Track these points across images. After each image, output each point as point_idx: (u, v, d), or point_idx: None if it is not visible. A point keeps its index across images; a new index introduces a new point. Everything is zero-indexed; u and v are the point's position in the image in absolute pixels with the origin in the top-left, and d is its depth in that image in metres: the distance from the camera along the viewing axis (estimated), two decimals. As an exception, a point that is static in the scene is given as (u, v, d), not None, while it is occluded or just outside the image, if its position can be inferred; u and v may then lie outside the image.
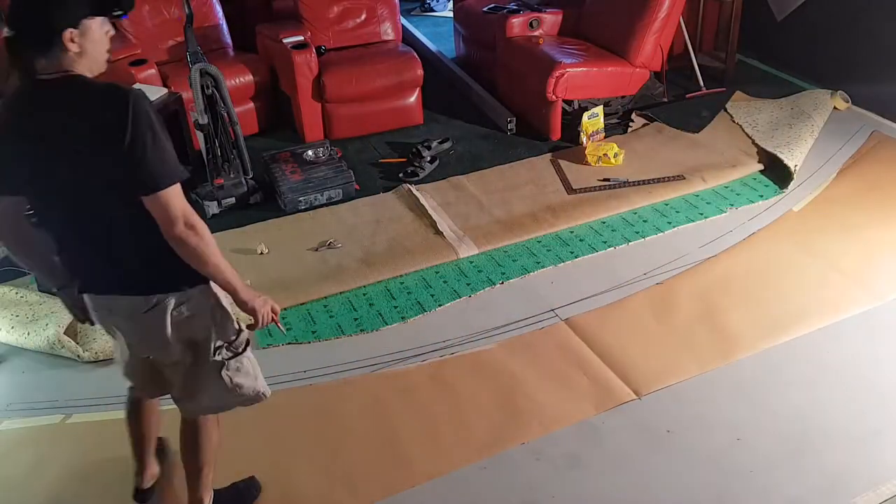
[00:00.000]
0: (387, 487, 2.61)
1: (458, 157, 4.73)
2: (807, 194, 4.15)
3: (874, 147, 4.57)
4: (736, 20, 5.40)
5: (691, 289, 3.50)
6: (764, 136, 4.64)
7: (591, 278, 3.60)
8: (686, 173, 4.35)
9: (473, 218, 4.06)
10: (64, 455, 2.80)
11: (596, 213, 4.06)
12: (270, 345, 3.27)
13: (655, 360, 3.10)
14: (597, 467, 2.66)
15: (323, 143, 4.62)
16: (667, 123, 4.92)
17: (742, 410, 2.85)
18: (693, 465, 2.65)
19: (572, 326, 3.31)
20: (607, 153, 4.48)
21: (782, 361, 3.07)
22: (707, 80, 5.40)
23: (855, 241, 3.74)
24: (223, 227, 4.08)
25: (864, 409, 2.83)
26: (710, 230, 3.91)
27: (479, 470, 2.67)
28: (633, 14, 4.82)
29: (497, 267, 3.71)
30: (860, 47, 4.99)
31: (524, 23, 5.15)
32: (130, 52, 4.63)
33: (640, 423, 2.82)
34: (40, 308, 3.38)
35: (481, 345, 3.24)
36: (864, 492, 2.52)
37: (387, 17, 5.26)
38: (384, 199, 4.28)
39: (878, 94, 4.91)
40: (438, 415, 2.90)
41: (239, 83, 4.74)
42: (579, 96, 4.79)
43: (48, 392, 3.08)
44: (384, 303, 3.50)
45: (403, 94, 4.98)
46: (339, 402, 2.98)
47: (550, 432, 2.79)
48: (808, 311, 3.31)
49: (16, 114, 1.88)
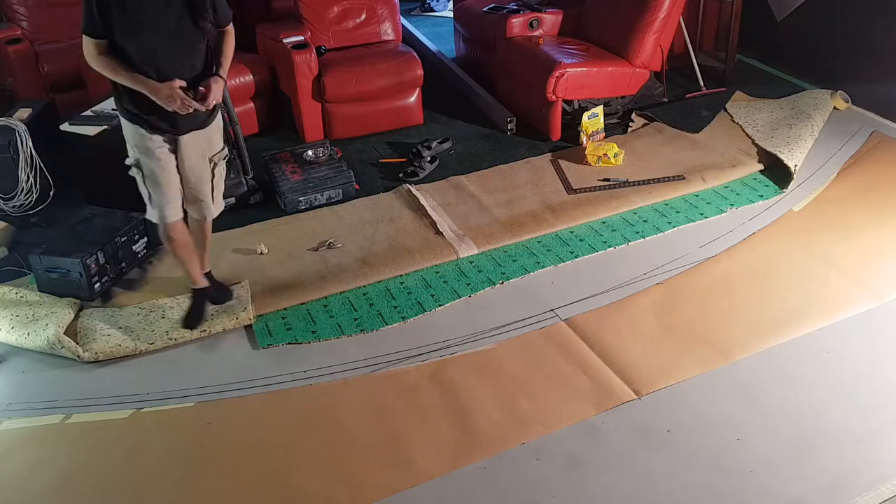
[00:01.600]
0: (387, 487, 2.61)
1: (458, 157, 4.73)
2: (807, 194, 4.15)
3: (874, 147, 4.57)
4: (736, 20, 5.40)
5: (691, 289, 3.50)
6: (764, 136, 4.64)
7: (591, 278, 3.60)
8: (686, 173, 4.35)
9: (473, 218, 4.06)
10: (64, 455, 2.80)
11: (596, 213, 4.06)
12: (270, 345, 3.27)
13: (655, 360, 3.10)
14: (597, 467, 2.66)
15: (323, 143, 4.62)
16: (667, 123, 4.92)
17: (742, 410, 2.85)
18: (693, 465, 2.65)
19: (572, 326, 3.31)
20: (607, 153, 4.48)
21: (782, 361, 3.07)
22: (707, 80, 5.41)
23: (855, 241, 3.74)
24: (223, 227, 4.07)
25: (864, 408, 2.83)
26: (710, 230, 3.91)
27: (479, 470, 2.67)
28: (634, 14, 4.82)
29: (497, 267, 3.71)
30: (860, 47, 4.99)
31: (524, 23, 5.15)
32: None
33: (640, 423, 2.82)
34: (40, 308, 3.39)
35: (481, 345, 3.24)
36: (864, 492, 2.52)
37: (387, 17, 5.26)
38: (384, 199, 4.28)
39: (878, 94, 4.91)
40: (438, 415, 2.90)
41: (239, 83, 4.74)
42: (579, 96, 4.79)
43: (48, 392, 3.08)
44: (384, 303, 3.50)
45: (403, 94, 4.98)
46: (339, 402, 2.98)
47: (550, 432, 2.80)
48: (808, 311, 3.31)
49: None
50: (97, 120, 4.08)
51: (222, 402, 3.00)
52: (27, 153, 4.15)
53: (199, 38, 2.93)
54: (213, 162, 3.20)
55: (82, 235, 3.69)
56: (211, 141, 3.16)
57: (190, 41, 2.91)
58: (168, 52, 2.85)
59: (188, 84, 2.89)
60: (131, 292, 3.61)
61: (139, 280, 3.70)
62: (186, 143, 3.07)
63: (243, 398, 3.02)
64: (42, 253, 3.50)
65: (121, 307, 3.50)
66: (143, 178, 3.09)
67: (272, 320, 3.41)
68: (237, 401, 3.01)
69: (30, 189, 4.19)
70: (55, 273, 3.49)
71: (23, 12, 5.02)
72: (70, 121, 4.11)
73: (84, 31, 2.81)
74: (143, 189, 3.13)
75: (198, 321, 3.34)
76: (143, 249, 3.81)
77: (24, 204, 4.20)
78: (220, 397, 3.02)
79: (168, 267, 3.77)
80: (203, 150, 3.14)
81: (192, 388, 3.06)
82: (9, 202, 4.19)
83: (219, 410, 2.96)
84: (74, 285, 3.48)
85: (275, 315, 3.44)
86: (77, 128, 4.06)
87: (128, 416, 2.95)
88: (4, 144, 4.10)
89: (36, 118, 4.31)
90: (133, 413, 2.96)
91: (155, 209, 3.14)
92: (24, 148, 4.14)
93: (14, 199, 4.19)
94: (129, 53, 2.83)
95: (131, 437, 2.87)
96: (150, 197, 3.12)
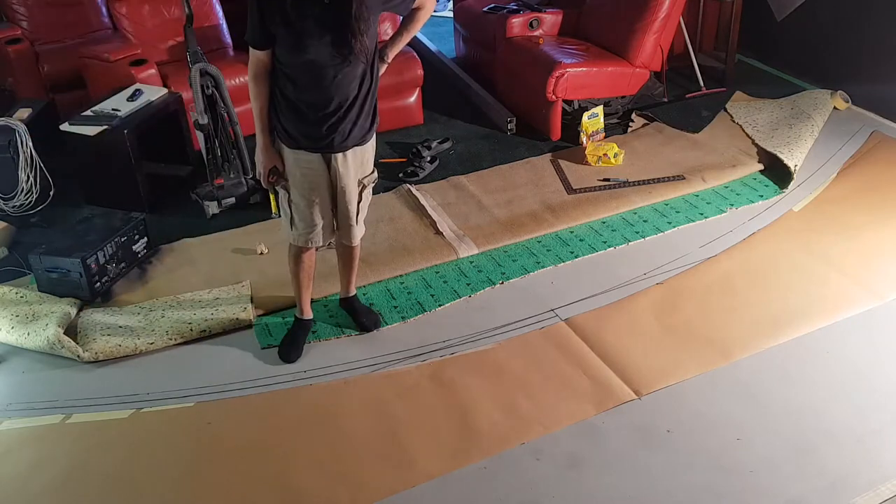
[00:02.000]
0: (387, 487, 2.61)
1: (458, 157, 4.73)
2: (807, 194, 4.15)
3: (874, 147, 4.57)
4: (736, 20, 5.41)
5: (691, 289, 3.50)
6: (764, 136, 4.64)
7: (591, 278, 3.60)
8: (686, 173, 4.35)
9: (473, 218, 4.06)
10: (64, 455, 2.80)
11: (596, 213, 4.06)
12: (270, 345, 3.27)
13: (655, 360, 3.10)
14: (597, 467, 2.66)
15: (323, 143, 4.61)
16: (667, 123, 4.93)
17: (742, 410, 2.85)
18: (693, 465, 2.65)
19: (572, 326, 3.31)
20: (607, 153, 4.48)
21: (782, 361, 3.07)
22: (707, 80, 5.41)
23: (855, 241, 3.74)
24: (223, 227, 4.08)
25: (864, 408, 2.84)
26: (710, 230, 3.91)
27: (479, 470, 2.67)
28: (634, 14, 4.82)
29: (497, 267, 3.71)
30: (860, 47, 5.00)
31: (524, 23, 5.16)
32: (130, 52, 4.63)
33: (640, 423, 2.82)
34: (40, 308, 3.39)
35: (481, 345, 3.24)
36: (864, 492, 2.52)
37: (387, 17, 5.26)
38: (384, 199, 4.28)
39: (878, 94, 4.91)
40: (438, 415, 2.90)
41: (239, 83, 4.73)
42: (579, 96, 4.79)
43: (48, 392, 3.08)
44: (384, 303, 3.50)
45: (403, 94, 4.98)
46: (339, 402, 2.98)
47: (550, 432, 2.80)
48: (808, 311, 3.31)
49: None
50: (97, 120, 4.08)
51: (222, 402, 3.00)
52: (27, 153, 4.15)
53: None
54: (362, 185, 2.96)
55: (82, 235, 3.70)
56: (364, 162, 2.92)
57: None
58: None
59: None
60: (131, 292, 3.61)
61: (139, 280, 3.70)
62: (341, 161, 2.83)
63: (243, 398, 3.02)
64: (42, 253, 3.50)
65: (121, 307, 3.50)
66: (289, 198, 2.90)
67: (272, 320, 3.41)
68: (237, 401, 3.01)
69: (30, 189, 4.20)
70: (55, 273, 3.49)
71: (23, 12, 5.02)
72: (70, 121, 4.11)
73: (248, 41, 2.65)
74: (285, 208, 2.94)
75: (297, 354, 3.19)
76: (143, 249, 3.81)
77: (24, 204, 4.21)
78: (220, 397, 3.02)
79: (168, 267, 3.77)
80: (356, 170, 2.90)
81: (192, 388, 3.06)
82: (9, 202, 4.19)
83: (219, 410, 2.96)
84: (74, 285, 3.48)
85: (275, 315, 3.44)
86: (77, 128, 4.06)
87: (128, 416, 2.95)
88: (4, 144, 4.10)
89: (36, 118, 4.32)
90: (133, 413, 2.96)
91: (298, 232, 2.95)
92: (24, 148, 4.14)
93: (14, 199, 4.19)
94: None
95: (131, 437, 2.87)
96: (292, 219, 2.94)
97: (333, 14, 2.53)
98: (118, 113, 4.11)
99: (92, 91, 4.67)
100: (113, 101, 4.24)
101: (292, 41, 2.58)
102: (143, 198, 4.20)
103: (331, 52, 2.59)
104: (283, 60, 2.65)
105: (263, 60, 2.67)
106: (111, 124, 4.03)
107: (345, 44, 2.57)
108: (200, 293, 3.54)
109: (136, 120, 4.11)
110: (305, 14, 2.53)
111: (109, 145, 4.05)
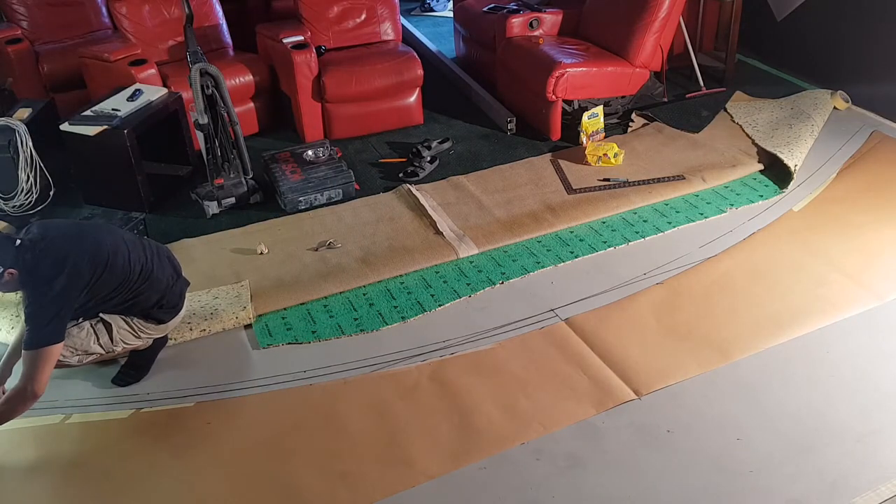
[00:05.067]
0: (387, 487, 2.61)
1: (458, 157, 4.73)
2: (807, 194, 4.15)
3: (874, 147, 4.57)
4: (736, 20, 5.40)
5: (691, 289, 3.50)
6: (764, 136, 4.64)
7: (591, 278, 3.60)
8: (686, 173, 4.35)
9: (473, 218, 4.06)
10: (64, 455, 2.80)
11: (596, 213, 4.06)
12: (270, 345, 3.27)
13: (655, 360, 3.10)
14: (597, 467, 2.66)
15: (323, 143, 4.62)
16: (667, 123, 4.92)
17: (742, 410, 2.85)
18: (693, 465, 2.65)
19: (572, 326, 3.31)
20: (607, 153, 4.48)
21: (782, 361, 3.07)
22: (707, 80, 5.41)
23: (855, 241, 3.74)
24: (223, 227, 4.08)
25: (865, 408, 2.83)
26: (710, 230, 3.91)
27: (479, 470, 2.67)
28: (634, 14, 4.82)
29: (497, 267, 3.71)
30: (860, 47, 4.99)
31: (524, 23, 5.15)
32: (130, 52, 4.63)
33: (640, 423, 2.82)
34: (40, 308, 3.38)
35: (481, 345, 3.24)
36: (864, 492, 2.52)
37: (387, 17, 5.26)
38: (384, 199, 4.28)
39: (878, 94, 4.91)
40: (438, 415, 2.90)
41: (239, 83, 4.74)
42: (579, 96, 4.79)
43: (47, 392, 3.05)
44: (384, 303, 3.50)
45: (403, 94, 4.98)
46: (339, 402, 2.98)
47: (550, 432, 2.80)
48: (808, 311, 3.31)
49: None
50: (97, 120, 4.08)
51: (222, 402, 3.00)
52: (27, 153, 4.15)
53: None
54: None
55: (82, 235, 3.69)
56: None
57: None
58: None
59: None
60: (131, 292, 3.61)
61: (139, 280, 3.69)
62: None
63: (243, 398, 3.02)
64: (42, 253, 3.49)
65: (121, 307, 3.50)
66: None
67: (272, 320, 3.41)
68: (237, 401, 3.01)
69: (30, 189, 4.20)
70: (55, 273, 3.48)
71: (23, 12, 5.02)
72: (70, 121, 4.11)
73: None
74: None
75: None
76: (143, 249, 3.80)
77: (24, 204, 4.21)
78: (220, 397, 3.02)
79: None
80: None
81: (192, 388, 3.06)
82: (9, 202, 4.19)
83: (219, 410, 2.96)
84: (74, 285, 3.47)
85: (275, 315, 3.44)
86: (77, 128, 4.06)
87: (128, 416, 2.95)
88: (4, 144, 4.10)
89: (36, 118, 4.31)
90: (133, 413, 2.96)
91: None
92: (24, 148, 4.14)
93: (14, 199, 4.19)
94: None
95: (131, 437, 2.87)
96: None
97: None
98: (118, 113, 4.11)
99: (92, 91, 4.67)
100: (113, 100, 4.24)
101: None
102: (143, 198, 4.20)
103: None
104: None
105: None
106: (111, 124, 4.03)
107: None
108: (200, 293, 3.54)
109: (136, 120, 4.11)
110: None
111: (109, 145, 4.05)
